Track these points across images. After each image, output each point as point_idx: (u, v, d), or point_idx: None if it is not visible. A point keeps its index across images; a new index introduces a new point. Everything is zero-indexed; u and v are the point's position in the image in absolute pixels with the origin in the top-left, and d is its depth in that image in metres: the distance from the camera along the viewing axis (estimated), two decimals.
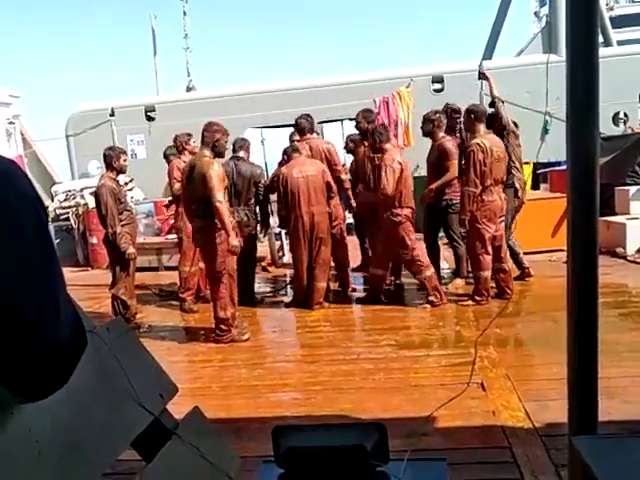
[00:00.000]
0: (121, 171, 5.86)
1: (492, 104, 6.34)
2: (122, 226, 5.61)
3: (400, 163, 5.58)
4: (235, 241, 4.95)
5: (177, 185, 6.26)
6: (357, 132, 6.67)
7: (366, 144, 6.23)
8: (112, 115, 12.27)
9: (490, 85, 6.57)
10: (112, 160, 5.73)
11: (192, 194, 5.13)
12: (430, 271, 5.70)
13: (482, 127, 5.58)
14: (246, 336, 5.21)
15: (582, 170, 2.06)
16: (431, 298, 5.65)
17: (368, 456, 1.45)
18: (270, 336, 5.34)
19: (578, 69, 1.97)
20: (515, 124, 11.76)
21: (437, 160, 6.12)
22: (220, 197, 4.82)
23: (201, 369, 4.69)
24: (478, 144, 5.41)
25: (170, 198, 7.13)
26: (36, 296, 0.90)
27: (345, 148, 7.59)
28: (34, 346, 0.91)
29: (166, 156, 6.93)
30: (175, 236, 8.74)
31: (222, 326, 5.14)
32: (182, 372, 4.54)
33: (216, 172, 4.86)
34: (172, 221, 8.74)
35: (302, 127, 6.43)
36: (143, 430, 1.40)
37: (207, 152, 5.00)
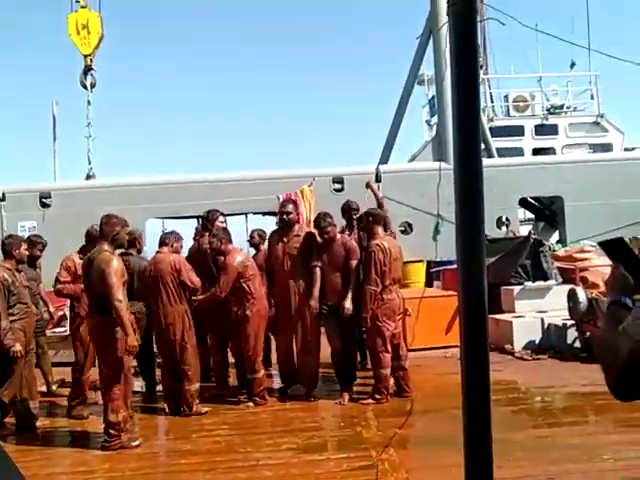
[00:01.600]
0: (21, 260, 5.54)
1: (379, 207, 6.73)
2: (14, 321, 5.20)
3: (244, 261, 5.85)
4: (134, 340, 4.73)
5: (60, 286, 5.82)
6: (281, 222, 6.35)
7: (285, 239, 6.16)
8: (2, 200, 11.67)
9: (375, 195, 7.06)
10: (12, 248, 5.44)
11: (90, 289, 4.93)
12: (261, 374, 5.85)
13: (380, 229, 5.86)
14: (137, 442, 4.85)
15: (471, 272, 2.20)
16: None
17: None
18: (163, 442, 5.01)
19: (465, 179, 2.16)
20: (409, 224, 12.44)
21: (344, 258, 5.95)
22: (120, 295, 4.65)
23: None
24: (378, 245, 5.66)
25: None
26: None
27: (249, 241, 7.59)
28: None
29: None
30: (63, 329, 8.22)
31: (112, 431, 4.75)
32: None
33: (114, 269, 4.68)
34: (61, 312, 8.21)
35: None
36: None
37: (106, 246, 4.85)
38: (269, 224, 11.65)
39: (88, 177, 12.89)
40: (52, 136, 15.07)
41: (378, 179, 11.31)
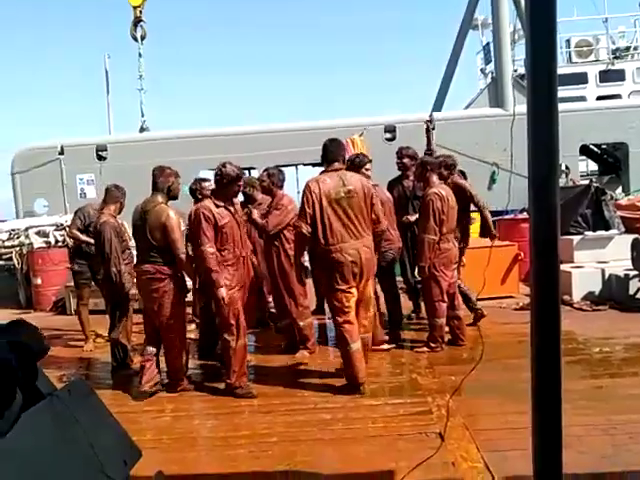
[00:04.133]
0: (121, 210, 5.83)
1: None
2: (125, 265, 5.52)
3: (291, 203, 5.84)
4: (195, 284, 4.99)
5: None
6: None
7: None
8: (61, 153, 12.01)
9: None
10: (124, 198, 5.77)
11: (142, 241, 4.94)
12: (305, 321, 5.75)
13: (435, 177, 5.75)
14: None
15: (544, 223, 2.12)
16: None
17: None
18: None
19: (539, 125, 2.06)
20: (463, 173, 12.17)
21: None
22: (183, 248, 4.81)
23: (151, 420, 4.49)
24: (436, 193, 5.56)
25: None
26: None
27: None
28: None
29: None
30: None
31: (174, 375, 4.98)
32: (130, 422, 4.29)
33: (175, 222, 4.79)
34: None
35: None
36: None
37: (160, 198, 4.90)
38: None
39: (142, 130, 13.08)
40: (105, 89, 15.31)
41: (432, 127, 11.03)
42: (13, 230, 10.13)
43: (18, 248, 9.64)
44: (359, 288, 4.69)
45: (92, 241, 6.34)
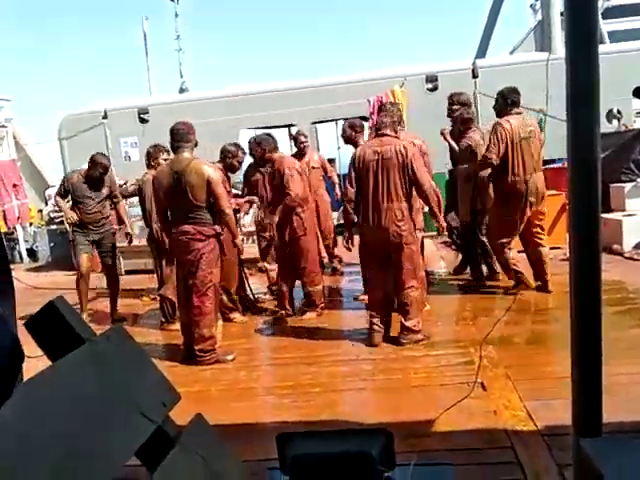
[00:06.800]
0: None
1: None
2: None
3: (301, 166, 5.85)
4: (239, 242, 4.98)
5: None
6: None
7: None
8: (105, 117, 12.20)
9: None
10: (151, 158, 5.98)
11: (179, 201, 4.63)
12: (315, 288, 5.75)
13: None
14: (231, 356, 4.78)
15: (583, 168, 2.04)
16: None
17: (374, 463, 1.42)
18: (267, 338, 5.29)
19: (578, 66, 1.96)
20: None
21: None
22: (228, 203, 4.72)
23: (199, 372, 4.65)
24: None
25: None
26: None
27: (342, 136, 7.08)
28: None
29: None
30: None
31: (206, 345, 4.71)
32: (180, 375, 4.50)
33: (219, 176, 4.63)
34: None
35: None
36: (146, 439, 1.37)
37: (189, 154, 4.63)
38: None
39: (182, 91, 13.14)
40: (144, 52, 15.39)
41: (475, 75, 10.67)
42: None
43: None
44: (534, 213, 5.76)
45: (67, 212, 6.36)
